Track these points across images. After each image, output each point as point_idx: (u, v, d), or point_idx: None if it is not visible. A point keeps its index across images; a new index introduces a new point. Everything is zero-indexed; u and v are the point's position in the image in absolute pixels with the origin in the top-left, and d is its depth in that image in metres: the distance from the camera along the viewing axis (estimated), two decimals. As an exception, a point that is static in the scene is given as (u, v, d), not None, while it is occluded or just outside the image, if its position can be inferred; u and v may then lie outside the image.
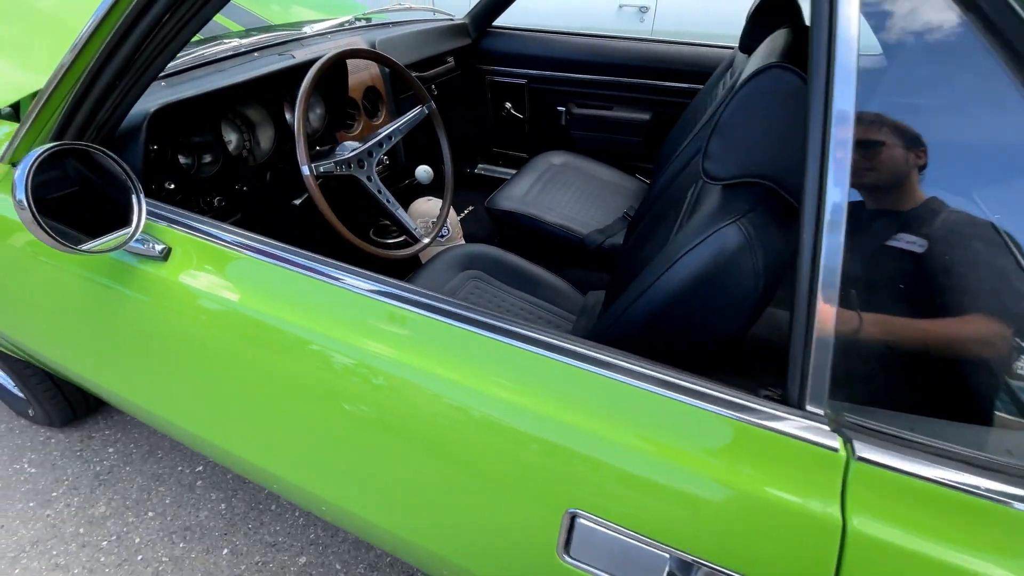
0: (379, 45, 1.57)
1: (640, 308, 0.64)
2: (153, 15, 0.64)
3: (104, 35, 0.67)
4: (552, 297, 1.33)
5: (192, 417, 0.82)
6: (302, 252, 0.65)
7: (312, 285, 0.63)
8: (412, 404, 0.60)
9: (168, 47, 0.69)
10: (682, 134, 1.61)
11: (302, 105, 0.89)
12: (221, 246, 0.66)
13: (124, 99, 0.75)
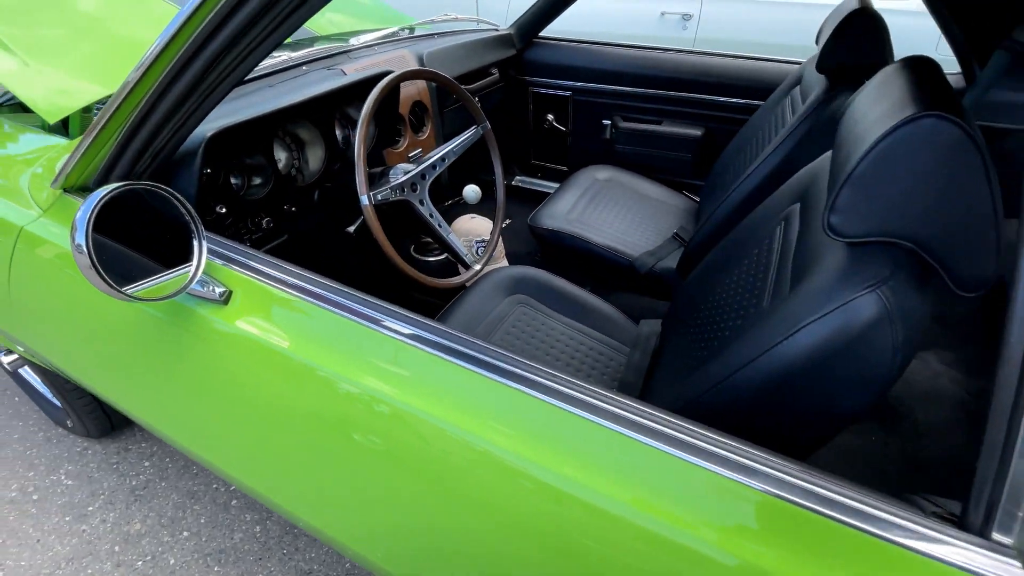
0: (427, 59, 1.53)
1: (746, 379, 0.57)
2: (226, 36, 0.60)
3: (171, 56, 0.62)
4: (603, 326, 1.26)
5: (238, 464, 0.79)
6: (355, 295, 0.61)
7: (366, 335, 0.59)
8: (478, 478, 0.54)
9: (236, 70, 0.64)
10: (740, 153, 1.52)
11: (363, 131, 0.84)
12: (280, 290, 0.61)
13: (184, 125, 0.71)
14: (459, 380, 0.55)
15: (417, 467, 0.58)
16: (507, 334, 1.18)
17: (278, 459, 0.69)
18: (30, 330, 0.97)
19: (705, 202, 1.64)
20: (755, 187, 1.22)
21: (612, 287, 1.63)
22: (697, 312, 0.97)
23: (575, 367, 1.14)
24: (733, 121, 1.76)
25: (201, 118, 0.71)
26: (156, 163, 0.77)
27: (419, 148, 1.52)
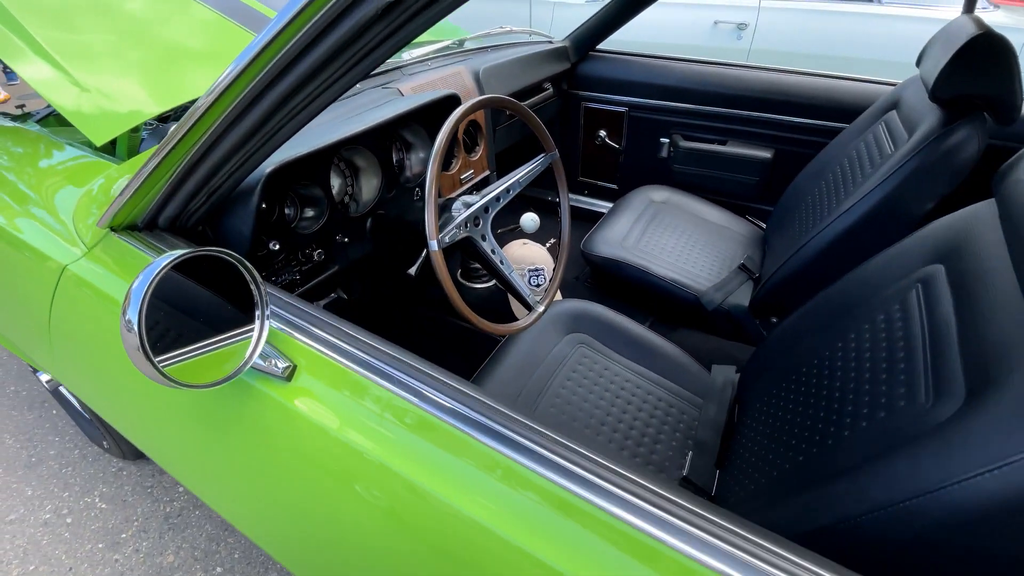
0: (483, 75, 1.44)
1: (922, 510, 0.45)
2: (302, 71, 0.52)
3: (237, 93, 0.54)
4: (672, 371, 1.15)
5: (277, 548, 0.71)
6: (423, 370, 0.53)
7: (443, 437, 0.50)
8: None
9: (308, 107, 0.56)
10: (818, 180, 1.39)
11: (436, 168, 0.75)
12: (345, 366, 0.53)
13: (244, 165, 0.63)
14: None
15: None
16: (568, 380, 1.08)
17: (323, 555, 0.61)
18: (70, 373, 0.92)
19: (775, 231, 1.51)
20: (850, 228, 1.09)
21: (675, 323, 1.51)
22: (792, 381, 0.85)
23: (644, 421, 1.03)
24: (808, 144, 1.62)
25: (263, 158, 0.63)
26: (211, 202, 0.70)
27: (471, 169, 1.44)
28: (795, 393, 0.84)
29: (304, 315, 0.58)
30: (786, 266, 1.21)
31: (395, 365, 0.53)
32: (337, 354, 0.54)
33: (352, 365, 0.53)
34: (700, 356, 1.35)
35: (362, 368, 0.52)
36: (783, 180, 1.60)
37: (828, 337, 0.83)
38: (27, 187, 0.96)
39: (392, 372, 0.52)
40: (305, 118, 0.58)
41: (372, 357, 0.53)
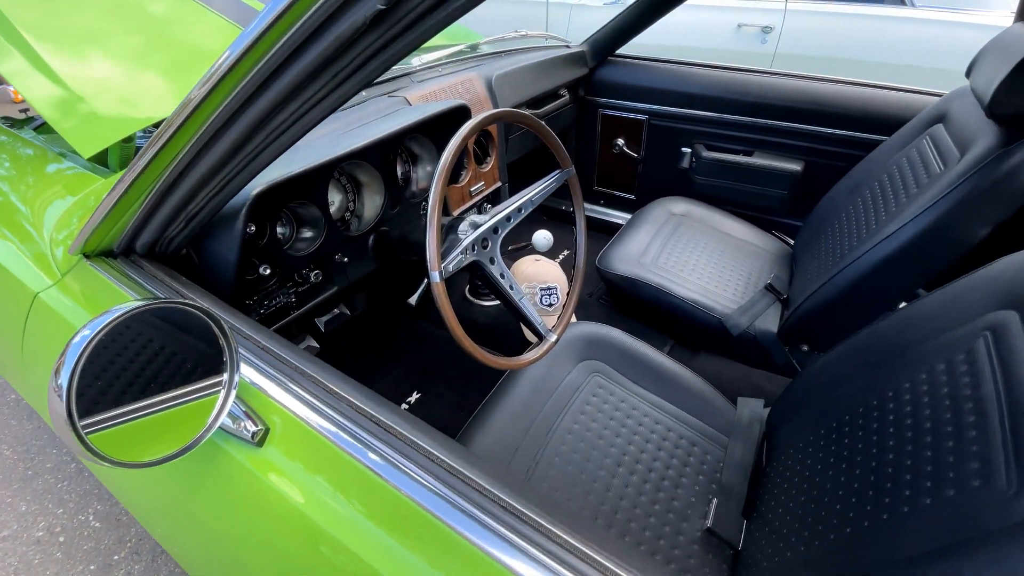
0: (495, 82, 1.37)
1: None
2: (282, 88, 0.45)
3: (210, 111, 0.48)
4: (694, 405, 1.06)
5: None
6: (409, 438, 0.45)
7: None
8: None
9: (293, 127, 0.49)
10: (854, 196, 1.29)
11: (439, 191, 0.68)
12: (322, 432, 0.46)
13: (223, 190, 0.57)
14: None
15: None
16: (582, 413, 1.00)
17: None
18: (40, 401, 0.86)
19: (805, 249, 1.41)
20: (894, 255, 0.99)
21: (697, 347, 1.42)
22: (831, 430, 0.76)
23: (664, 462, 0.95)
24: (842, 156, 1.52)
25: (244, 182, 0.57)
26: (191, 228, 0.63)
27: (481, 181, 1.37)
28: (836, 445, 0.75)
29: (282, 367, 0.51)
30: (821, 292, 1.11)
31: (377, 432, 0.45)
32: (315, 414, 0.47)
33: (328, 430, 0.46)
34: (724, 386, 1.26)
35: (339, 437, 0.45)
36: (814, 194, 1.50)
37: (876, 382, 0.74)
38: (19, 200, 0.91)
39: (372, 442, 0.45)
40: (289, 140, 0.51)
41: (351, 421, 0.46)
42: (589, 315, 1.60)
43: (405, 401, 1.36)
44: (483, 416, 0.95)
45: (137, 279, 0.64)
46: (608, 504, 0.87)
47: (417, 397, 1.37)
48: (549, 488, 0.88)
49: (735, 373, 1.28)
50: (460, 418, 1.25)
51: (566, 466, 0.91)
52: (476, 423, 0.94)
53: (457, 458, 0.45)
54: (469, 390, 1.38)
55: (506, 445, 0.91)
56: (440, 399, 1.36)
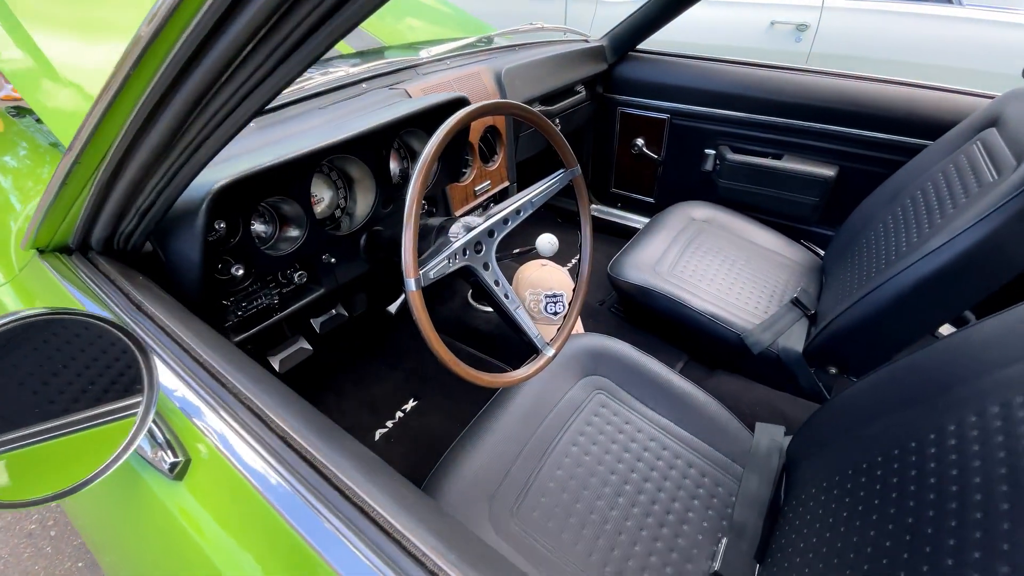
0: (505, 75, 1.30)
1: None
2: (213, 62, 0.38)
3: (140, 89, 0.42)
4: (707, 430, 0.97)
5: None
6: (354, 494, 0.37)
7: None
8: None
9: (239, 108, 0.43)
10: (893, 205, 1.18)
11: (416, 190, 0.61)
12: (243, 474, 0.39)
13: (175, 179, 0.51)
14: None
15: None
16: (581, 434, 0.92)
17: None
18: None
19: (836, 261, 1.30)
20: (939, 273, 0.89)
21: (713, 364, 1.32)
22: (861, 472, 0.66)
23: (670, 493, 0.86)
24: (881, 162, 1.40)
25: (194, 172, 0.51)
26: (147, 223, 0.58)
27: (487, 180, 1.30)
28: (866, 491, 0.65)
29: (219, 390, 0.44)
30: (854, 310, 1.00)
31: (313, 482, 0.38)
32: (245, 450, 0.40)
33: (254, 472, 0.39)
34: (741, 409, 1.16)
35: (264, 482, 0.38)
36: (848, 202, 1.38)
37: (915, 421, 0.64)
38: (12, 190, 0.88)
39: (306, 495, 0.37)
40: (234, 125, 0.45)
41: (284, 466, 0.38)
42: (598, 325, 1.51)
43: (401, 409, 1.30)
44: (473, 434, 0.88)
45: (86, 278, 0.59)
46: (605, 538, 0.79)
47: (414, 405, 1.31)
48: (541, 517, 0.80)
49: (754, 395, 1.18)
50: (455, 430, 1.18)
51: (560, 493, 0.84)
52: (465, 441, 0.87)
53: (410, 520, 0.37)
54: (466, 400, 1.31)
55: (496, 468, 0.84)
56: (436, 408, 1.30)
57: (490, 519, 0.79)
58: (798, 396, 1.17)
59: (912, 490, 0.58)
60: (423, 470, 0.87)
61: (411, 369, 1.41)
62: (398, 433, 1.25)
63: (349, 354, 1.42)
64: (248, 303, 0.85)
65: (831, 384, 1.15)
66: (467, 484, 0.81)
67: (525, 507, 0.81)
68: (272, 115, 0.97)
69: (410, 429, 1.25)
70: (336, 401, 1.31)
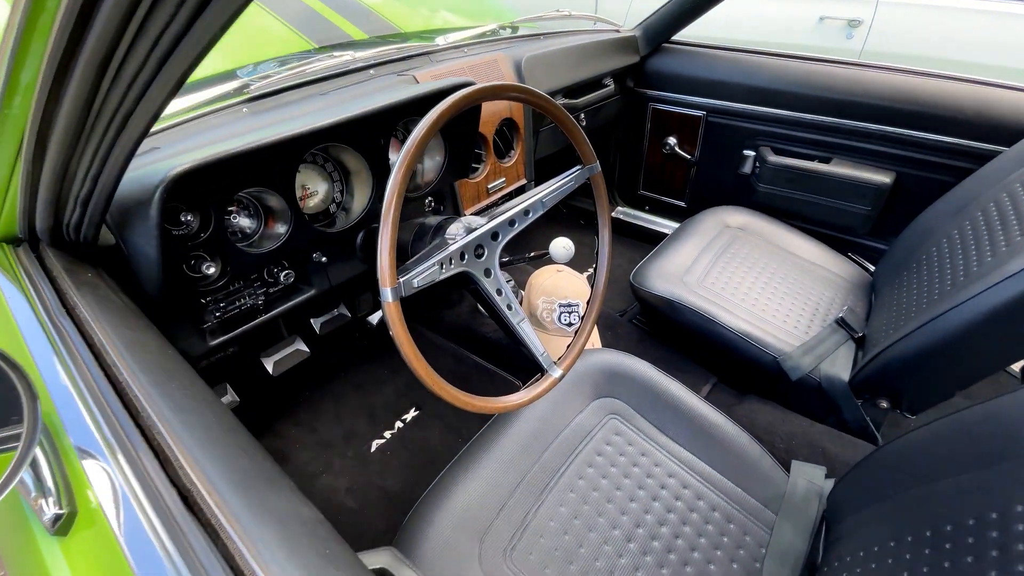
0: (525, 65, 1.20)
1: None
2: (106, 22, 0.30)
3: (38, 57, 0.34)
4: (734, 467, 0.85)
5: None
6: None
7: None
8: None
9: (161, 77, 0.35)
10: (959, 218, 1.03)
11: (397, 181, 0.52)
12: (119, 539, 0.30)
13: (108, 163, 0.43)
14: None
15: None
16: (590, 466, 0.82)
17: None
18: None
19: (889, 279, 1.16)
20: (1019, 299, 0.75)
21: (744, 387, 1.20)
22: (923, 541, 0.54)
23: (689, 540, 0.75)
24: (945, 169, 1.25)
25: (125, 157, 0.43)
26: (91, 212, 0.50)
27: (502, 177, 1.20)
28: (926, 564, 0.53)
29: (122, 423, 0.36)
30: (914, 337, 0.87)
31: (205, 560, 0.29)
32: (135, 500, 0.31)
33: (131, 543, 0.30)
34: (774, 442, 1.04)
35: (143, 561, 0.30)
36: (905, 213, 1.24)
37: (995, 486, 0.52)
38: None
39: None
40: (158, 96, 0.36)
41: (169, 537, 0.29)
42: (617, 339, 1.40)
43: (401, 419, 1.22)
44: (468, 460, 0.79)
45: (23, 272, 0.52)
46: (610, 591, 0.69)
47: (415, 415, 1.23)
48: (538, 561, 0.71)
49: (791, 428, 1.05)
50: (456, 446, 1.09)
51: (562, 535, 0.73)
52: (457, 468, 0.78)
53: None
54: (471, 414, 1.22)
55: (491, 501, 0.75)
56: (438, 420, 1.21)
57: (480, 561, 0.69)
58: (842, 431, 1.03)
59: (984, 572, 0.46)
60: (418, 488, 0.79)
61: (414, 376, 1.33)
62: (395, 445, 1.16)
63: (351, 357, 1.34)
64: (228, 303, 0.77)
65: (880, 420, 1.01)
66: (456, 519, 0.72)
67: (520, 549, 0.71)
68: (268, 100, 0.90)
69: (409, 442, 1.17)
70: (334, 406, 1.24)
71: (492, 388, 1.30)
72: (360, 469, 1.12)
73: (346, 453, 1.15)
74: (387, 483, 1.09)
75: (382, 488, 1.08)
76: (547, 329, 1.19)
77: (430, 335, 1.39)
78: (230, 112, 0.84)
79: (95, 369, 0.40)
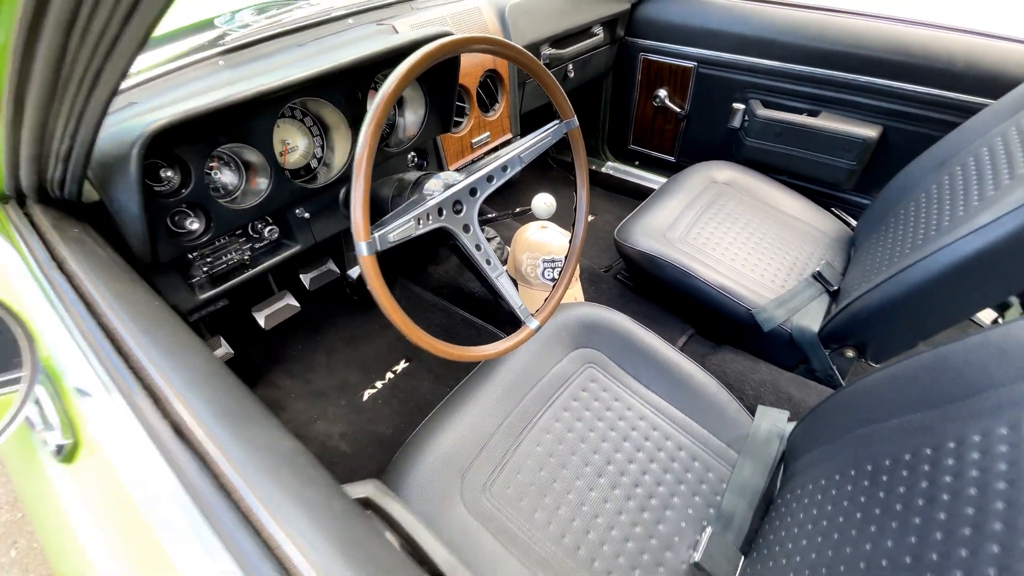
0: (509, 12, 1.17)
1: None
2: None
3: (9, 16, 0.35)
4: (703, 412, 0.91)
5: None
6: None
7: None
8: None
9: (127, 27, 0.36)
10: (940, 173, 1.05)
11: (368, 135, 0.54)
12: (118, 467, 0.34)
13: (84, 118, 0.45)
14: None
15: None
16: (566, 410, 0.87)
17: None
18: None
19: (868, 233, 1.18)
20: (986, 251, 0.78)
21: (720, 338, 1.24)
22: (865, 475, 0.59)
23: (655, 476, 0.81)
24: (934, 123, 1.24)
25: (99, 111, 0.44)
26: (73, 168, 0.52)
27: (486, 132, 1.20)
28: (868, 495, 0.59)
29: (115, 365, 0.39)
30: (882, 288, 0.90)
31: (197, 482, 0.32)
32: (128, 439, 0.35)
33: (130, 469, 0.34)
34: (744, 389, 1.09)
35: (141, 484, 0.33)
36: (889, 167, 1.24)
37: (934, 425, 0.56)
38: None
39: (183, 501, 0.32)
40: (126, 52, 0.38)
41: (177, 474, 0.33)
42: (602, 293, 1.43)
43: (391, 370, 1.27)
44: (452, 406, 0.84)
45: (12, 228, 0.54)
46: (580, 520, 0.75)
47: (405, 366, 1.28)
48: (514, 494, 0.77)
49: (760, 376, 1.10)
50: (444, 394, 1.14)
51: (538, 471, 0.79)
52: (442, 413, 0.83)
53: (312, 534, 0.31)
54: (459, 365, 1.27)
55: (472, 442, 0.80)
56: (428, 371, 1.26)
57: (461, 495, 0.75)
58: (810, 379, 1.09)
59: (920, 505, 0.51)
60: (408, 433, 0.84)
61: None
62: (387, 394, 1.22)
63: (341, 311, 1.38)
64: (215, 259, 0.80)
65: (847, 369, 1.06)
66: (440, 458, 0.77)
67: (499, 484, 0.77)
68: (245, 52, 0.88)
69: (400, 391, 1.23)
70: (326, 359, 1.29)
71: (479, 340, 1.34)
72: (353, 416, 1.18)
73: (339, 402, 1.20)
74: (379, 428, 1.15)
75: (374, 433, 1.15)
76: (532, 284, 1.22)
77: (418, 290, 1.42)
78: (207, 65, 0.83)
79: (88, 318, 0.43)
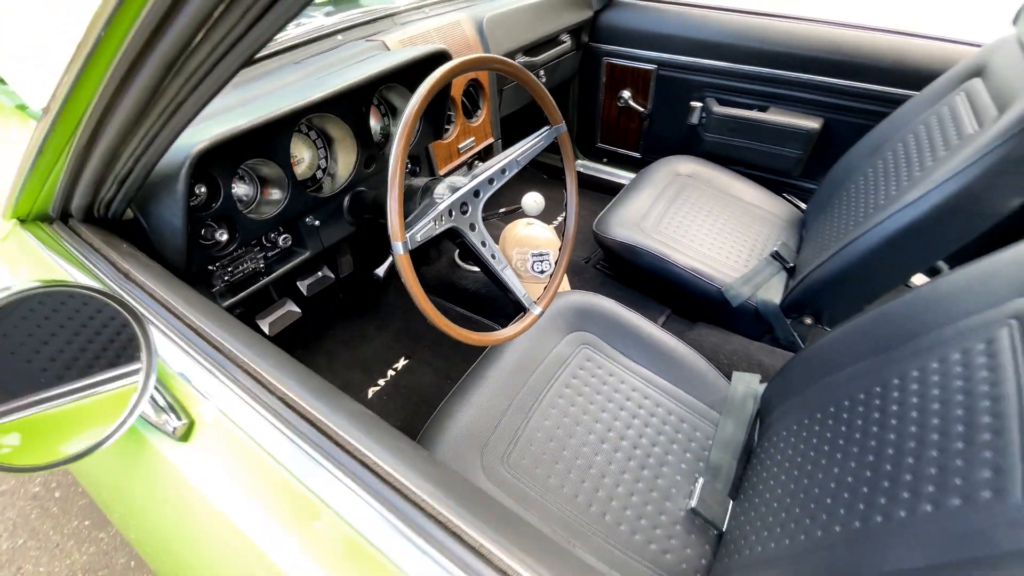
0: (487, 24, 1.25)
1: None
2: (187, 22, 0.38)
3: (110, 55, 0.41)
4: (687, 380, 1.02)
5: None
6: (349, 449, 0.40)
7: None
8: None
9: (216, 69, 0.42)
10: (874, 158, 1.19)
11: (399, 149, 0.61)
12: (245, 432, 0.41)
13: (152, 145, 0.50)
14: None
15: None
16: (567, 387, 0.96)
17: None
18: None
19: (817, 214, 1.33)
20: (915, 224, 0.91)
21: (694, 316, 1.36)
22: (828, 415, 0.71)
23: (651, 438, 0.91)
24: (866, 114, 1.40)
25: (172, 137, 0.50)
26: (126, 190, 0.57)
27: (471, 137, 1.27)
28: (831, 432, 0.70)
29: (214, 354, 0.46)
30: (831, 262, 1.03)
31: (311, 436, 0.40)
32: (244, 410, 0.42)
33: (255, 430, 0.41)
34: (719, 359, 1.21)
35: (266, 438, 0.40)
36: (831, 155, 1.39)
37: (881, 367, 0.68)
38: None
39: (305, 448, 0.40)
40: (210, 89, 0.44)
41: (283, 422, 0.41)
42: (585, 282, 1.53)
43: (392, 368, 1.33)
44: (464, 389, 0.91)
45: (70, 247, 0.58)
46: (589, 481, 0.85)
47: (405, 363, 1.34)
48: (529, 464, 0.85)
49: (733, 346, 1.22)
50: (445, 386, 1.21)
51: (548, 442, 0.88)
52: (457, 396, 0.91)
53: (408, 470, 0.40)
54: (456, 358, 1.35)
55: (487, 420, 0.88)
56: (427, 366, 1.33)
57: (482, 467, 0.83)
58: (775, 347, 1.22)
59: (874, 430, 0.62)
60: (416, 424, 0.91)
61: (400, 328, 1.43)
62: (390, 391, 1.28)
63: (338, 315, 1.43)
64: (234, 268, 0.85)
65: (806, 334, 1.19)
66: (460, 436, 0.85)
67: (515, 455, 0.85)
68: (247, 71, 0.93)
69: (402, 387, 1.29)
70: (327, 362, 1.34)
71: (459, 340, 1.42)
72: (361, 414, 1.24)
73: (345, 400, 1.26)
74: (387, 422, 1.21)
75: (382, 427, 1.21)
76: (522, 277, 1.31)
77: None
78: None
79: (171, 317, 0.48)
